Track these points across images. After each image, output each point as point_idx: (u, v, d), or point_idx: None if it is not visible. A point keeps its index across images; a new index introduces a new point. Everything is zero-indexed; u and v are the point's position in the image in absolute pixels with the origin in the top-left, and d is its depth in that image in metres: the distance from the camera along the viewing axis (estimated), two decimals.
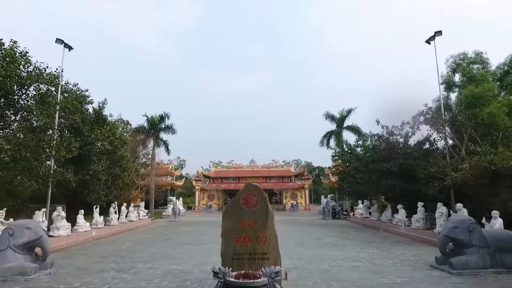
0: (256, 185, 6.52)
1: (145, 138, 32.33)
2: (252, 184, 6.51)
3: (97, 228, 16.27)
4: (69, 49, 17.22)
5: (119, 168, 19.72)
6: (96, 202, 17.99)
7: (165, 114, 34.90)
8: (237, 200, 6.35)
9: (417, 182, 16.54)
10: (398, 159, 17.16)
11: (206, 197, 44.79)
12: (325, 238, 14.20)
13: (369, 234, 15.70)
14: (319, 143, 36.47)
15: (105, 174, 18.40)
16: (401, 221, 16.21)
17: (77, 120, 16.96)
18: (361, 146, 25.61)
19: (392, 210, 18.39)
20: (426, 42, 16.97)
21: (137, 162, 27.89)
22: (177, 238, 14.83)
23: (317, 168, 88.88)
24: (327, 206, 25.70)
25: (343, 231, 17.12)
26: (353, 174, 24.10)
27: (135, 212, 21.74)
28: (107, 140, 18.04)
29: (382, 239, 14.03)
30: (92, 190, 17.54)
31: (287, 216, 29.75)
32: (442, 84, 19.73)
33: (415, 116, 17.61)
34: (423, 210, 14.77)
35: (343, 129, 34.94)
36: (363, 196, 25.48)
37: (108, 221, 18.33)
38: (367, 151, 24.73)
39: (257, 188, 6.43)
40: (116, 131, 19.50)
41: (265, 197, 6.39)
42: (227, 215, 6.33)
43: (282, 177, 48.18)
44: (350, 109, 34.63)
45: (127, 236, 15.96)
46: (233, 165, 51.64)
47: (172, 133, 35.98)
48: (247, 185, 6.51)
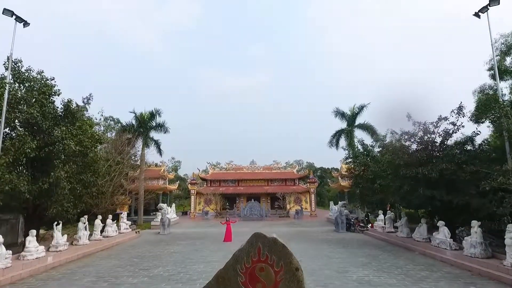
0: (275, 238, 3.02)
1: (132, 138, 28.69)
2: (267, 237, 2.99)
3: (56, 252, 12.72)
4: (24, 24, 13.65)
5: (92, 173, 16.13)
6: (59, 217, 14.46)
7: (156, 111, 31.32)
8: (233, 270, 2.84)
9: (461, 193, 13.07)
10: (437, 164, 13.64)
11: (202, 202, 41.18)
12: (353, 270, 10.65)
13: (406, 261, 12.14)
14: (328, 143, 32.89)
15: (74, 181, 14.85)
16: (444, 243, 12.66)
17: (35, 114, 13.40)
18: (381, 146, 22.10)
19: (427, 226, 14.91)
20: (475, 15, 13.43)
21: (121, 165, 24.27)
22: (156, 268, 11.26)
23: (319, 169, 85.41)
24: (340, 216, 22.13)
25: (370, 254, 13.57)
26: (371, 180, 20.58)
27: (113, 226, 18.14)
28: (74, 140, 14.48)
29: (429, 271, 10.48)
30: (55, 201, 13.96)
31: (292, 227, 26.17)
32: (488, 71, 16.16)
33: (459, 108, 14.14)
34: (480, 231, 11.23)
35: (355, 128, 31.34)
36: (382, 205, 21.96)
37: (76, 240, 14.78)
38: (386, 153, 21.26)
39: (277, 244, 2.92)
40: (88, 128, 15.88)
41: (296, 267, 2.87)
42: None
43: (285, 179, 44.66)
44: (363, 105, 31.05)
45: (92, 263, 12.38)
46: (233, 166, 48.10)
47: (164, 131, 32.44)
48: (255, 236, 3.00)
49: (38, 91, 14.49)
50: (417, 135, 15.27)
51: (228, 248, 15.28)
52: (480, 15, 13.33)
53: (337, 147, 32.51)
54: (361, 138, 23.79)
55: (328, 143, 32.88)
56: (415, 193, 14.16)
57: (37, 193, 13.60)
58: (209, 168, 47.01)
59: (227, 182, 44.68)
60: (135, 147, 30.08)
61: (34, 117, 13.41)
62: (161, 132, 32.48)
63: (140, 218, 29.35)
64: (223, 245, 16.59)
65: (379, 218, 20.22)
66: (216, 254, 13.72)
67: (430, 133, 15.23)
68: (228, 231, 17.97)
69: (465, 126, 14.47)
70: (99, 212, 21.40)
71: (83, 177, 15.41)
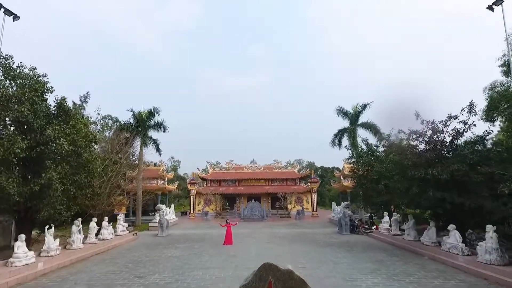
0: (291, 271, 2.39)
1: (130, 137, 28.03)
2: (281, 269, 2.36)
3: (48, 257, 12.09)
4: (13, 18, 12.99)
5: (87, 174, 15.49)
6: (52, 220, 13.84)
7: (154, 109, 30.69)
8: None
9: (474, 195, 12.44)
10: (448, 164, 13.01)
11: (202, 202, 40.57)
12: (361, 278, 10.01)
13: (416, 267, 11.51)
14: (330, 143, 32.20)
15: (67, 183, 14.21)
16: (456, 248, 12.02)
17: (26, 113, 12.76)
18: (385, 146, 21.51)
19: (436, 229, 14.26)
20: (489, 8, 12.76)
21: (119, 164, 23.63)
22: (152, 275, 10.64)
23: (320, 168, 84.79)
24: (344, 218, 21.48)
25: (377, 259, 12.93)
26: (376, 180, 19.96)
27: (109, 228, 17.50)
28: (67, 139, 13.84)
29: (443, 279, 9.84)
30: (47, 204, 13.33)
31: (294, 228, 25.55)
32: (501, 67, 15.48)
33: (470, 105, 13.51)
34: (496, 237, 10.60)
35: (358, 127, 30.66)
36: (387, 207, 21.34)
37: (69, 244, 14.15)
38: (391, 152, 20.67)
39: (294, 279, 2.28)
40: (82, 127, 15.21)
41: None
42: None
43: (286, 179, 44.04)
44: (366, 104, 30.36)
45: (86, 269, 11.75)
46: (233, 166, 47.49)
47: (163, 130, 31.80)
48: (265, 268, 2.36)
49: (30, 88, 13.83)
50: (426, 135, 14.63)
51: (228, 252, 14.67)
52: (494, 8, 12.65)
53: (340, 146, 31.88)
54: (365, 138, 23.20)
55: (331, 142, 32.24)
56: (424, 195, 13.53)
57: (28, 195, 12.97)
58: (208, 168, 46.37)
59: (227, 182, 44.06)
60: (133, 146, 29.42)
61: (25, 115, 12.78)
62: (160, 131, 31.88)
63: (138, 219, 28.73)
64: (223, 248, 15.97)
65: (384, 220, 19.58)
66: (215, 260, 13.10)
67: (439, 132, 14.60)
68: (228, 234, 17.35)
69: (476, 125, 13.86)
70: (96, 213, 20.80)
71: (77, 178, 14.76)
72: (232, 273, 10.83)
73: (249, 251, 15.08)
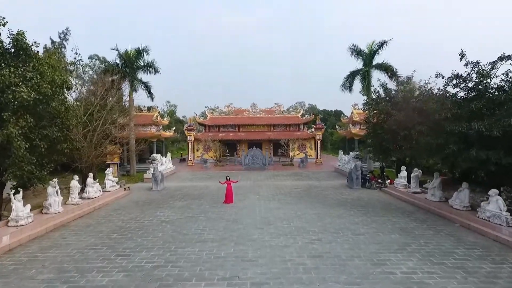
0: None
1: (117, 79, 24.92)
2: None
3: (17, 227, 10.26)
4: None
5: (59, 127, 13.04)
6: (21, 182, 11.79)
7: (143, 47, 27.08)
8: None
9: None
10: (499, 118, 10.52)
11: (201, 149, 38.81)
12: (391, 260, 8.20)
13: (451, 240, 9.72)
14: (341, 86, 29.09)
15: (35, 138, 11.84)
16: (499, 218, 10.14)
17: None
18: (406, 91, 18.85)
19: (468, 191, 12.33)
20: None
21: (106, 111, 21.03)
22: (138, 252, 8.84)
23: (322, 111, 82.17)
24: (356, 171, 19.61)
25: (401, 227, 11.20)
26: (394, 131, 17.65)
27: (95, 185, 15.62)
28: (28, 85, 11.12)
29: (491, 261, 8.03)
30: (11, 164, 11.11)
31: (299, 179, 23.91)
32: None
33: None
34: None
35: (372, 68, 27.29)
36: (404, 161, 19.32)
37: (46, 208, 12.30)
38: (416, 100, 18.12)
39: None
40: (48, 70, 12.32)
41: None
42: None
43: (288, 125, 41.78)
44: (383, 42, 26.61)
45: (62, 241, 9.97)
46: (232, 109, 44.93)
47: (155, 72, 28.61)
48: None
49: None
50: (471, 80, 11.87)
51: (229, 216, 12.95)
52: None
53: (350, 90, 28.90)
54: (383, 81, 20.18)
55: (341, 86, 29.13)
56: (463, 153, 11.28)
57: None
58: (207, 113, 43.77)
59: (227, 127, 41.87)
60: (121, 90, 26.46)
61: None
62: (151, 73, 28.67)
63: (132, 168, 27.12)
64: (223, 208, 14.29)
65: (401, 175, 17.69)
66: (214, 227, 11.35)
67: (486, 77, 11.82)
68: (229, 191, 15.59)
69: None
70: (83, 167, 18.88)
71: (47, 132, 12.36)
72: (234, 249, 9.06)
73: (253, 213, 13.36)
